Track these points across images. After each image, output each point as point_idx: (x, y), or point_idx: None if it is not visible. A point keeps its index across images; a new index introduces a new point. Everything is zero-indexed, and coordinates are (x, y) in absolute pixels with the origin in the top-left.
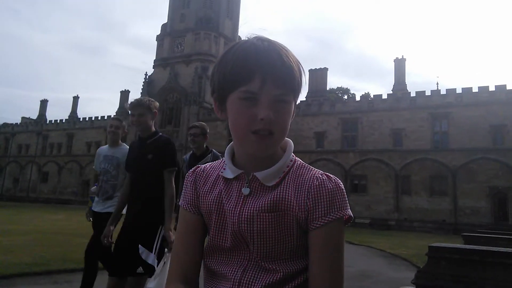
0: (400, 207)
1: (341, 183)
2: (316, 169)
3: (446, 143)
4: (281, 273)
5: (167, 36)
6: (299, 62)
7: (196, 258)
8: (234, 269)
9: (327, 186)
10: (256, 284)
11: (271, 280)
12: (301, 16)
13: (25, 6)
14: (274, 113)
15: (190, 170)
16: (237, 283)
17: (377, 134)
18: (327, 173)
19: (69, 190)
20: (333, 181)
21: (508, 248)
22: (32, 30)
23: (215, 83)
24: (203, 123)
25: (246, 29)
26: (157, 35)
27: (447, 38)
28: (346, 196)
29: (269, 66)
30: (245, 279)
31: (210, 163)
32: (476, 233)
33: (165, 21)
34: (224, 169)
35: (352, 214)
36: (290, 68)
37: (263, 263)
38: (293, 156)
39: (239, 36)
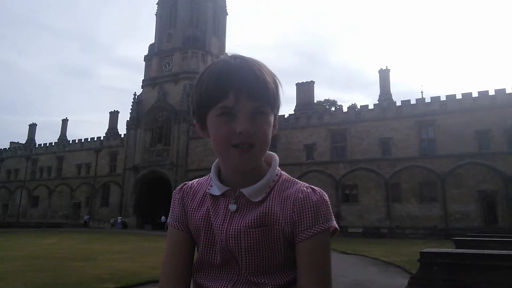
0: (392, 215)
1: (326, 195)
2: (301, 183)
3: (433, 150)
4: (270, 287)
5: (155, 56)
6: (274, 74)
7: (185, 275)
8: (223, 284)
9: (312, 199)
10: None
11: None
12: (288, 31)
13: (12, 31)
14: (253, 125)
15: (178, 187)
16: None
17: (365, 143)
18: (312, 186)
19: (60, 214)
20: (318, 193)
21: (499, 250)
22: (18, 54)
23: (194, 104)
24: None
25: (233, 45)
26: (145, 55)
27: (429, 47)
28: (330, 208)
29: (241, 81)
30: None
31: (197, 179)
32: (466, 237)
33: (153, 41)
34: (211, 186)
35: (337, 226)
36: (263, 81)
37: (252, 278)
38: (278, 170)
39: (226, 53)
